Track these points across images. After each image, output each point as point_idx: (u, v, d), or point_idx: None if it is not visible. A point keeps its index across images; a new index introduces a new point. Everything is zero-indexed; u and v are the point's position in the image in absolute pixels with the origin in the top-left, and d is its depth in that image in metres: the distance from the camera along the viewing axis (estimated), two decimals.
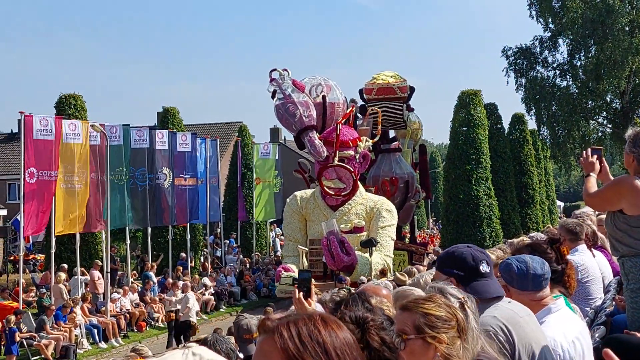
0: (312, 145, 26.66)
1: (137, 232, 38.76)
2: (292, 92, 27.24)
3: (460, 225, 38.28)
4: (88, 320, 22.63)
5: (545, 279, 4.70)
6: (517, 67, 50.38)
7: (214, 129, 59.26)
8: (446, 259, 4.36)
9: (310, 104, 27.53)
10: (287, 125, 28.16)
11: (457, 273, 4.24)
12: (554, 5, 48.56)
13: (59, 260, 26.94)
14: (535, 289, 4.65)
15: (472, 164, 38.67)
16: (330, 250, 24.22)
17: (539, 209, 48.42)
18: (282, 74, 27.34)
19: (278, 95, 27.38)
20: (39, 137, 21.90)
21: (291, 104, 27.05)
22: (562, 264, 5.17)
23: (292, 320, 2.23)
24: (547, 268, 4.74)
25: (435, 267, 4.37)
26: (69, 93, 29.81)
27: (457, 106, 40.32)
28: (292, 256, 27.34)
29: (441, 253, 4.55)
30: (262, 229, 41.50)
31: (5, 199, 48.85)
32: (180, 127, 35.34)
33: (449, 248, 4.55)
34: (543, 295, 4.69)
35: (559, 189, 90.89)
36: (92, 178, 23.82)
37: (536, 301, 4.61)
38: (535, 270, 4.64)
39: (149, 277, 27.81)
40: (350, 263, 24.25)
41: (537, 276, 4.64)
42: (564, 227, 7.86)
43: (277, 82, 27.30)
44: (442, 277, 4.26)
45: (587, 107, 50.54)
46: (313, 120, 27.32)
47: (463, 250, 4.36)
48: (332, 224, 24.59)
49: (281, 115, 27.50)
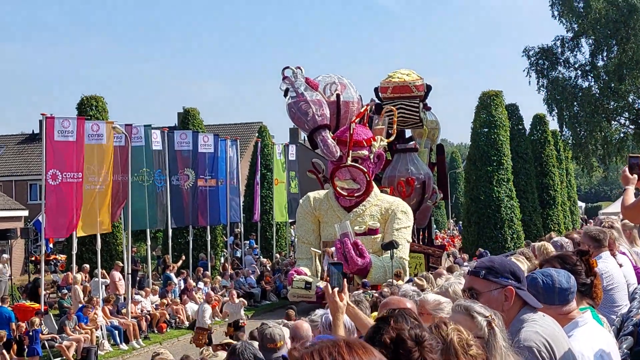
0: (324, 144, 26.37)
1: (157, 232, 38.85)
2: (304, 90, 26.97)
3: (481, 227, 38.10)
4: (109, 321, 22.68)
5: (572, 293, 4.65)
6: (539, 68, 50.25)
7: (234, 129, 59.34)
8: (498, 267, 4.31)
9: (323, 102, 27.26)
10: (300, 124, 28.00)
11: (513, 282, 4.24)
12: (576, 6, 48.31)
13: (80, 261, 27.06)
14: (561, 302, 4.60)
15: (493, 165, 38.47)
16: (343, 253, 23.99)
17: (560, 210, 48.11)
18: (295, 71, 27.08)
19: (291, 93, 27.14)
20: (60, 139, 21.90)
21: (304, 103, 26.81)
22: (590, 276, 5.11)
23: (317, 349, 2.30)
24: (573, 281, 4.69)
25: (482, 275, 4.27)
26: (90, 94, 29.94)
27: (478, 107, 40.13)
28: (305, 259, 27.16)
29: (485, 262, 4.46)
30: (282, 229, 41.47)
31: (27, 200, 49.06)
32: (200, 127, 35.37)
33: (493, 257, 4.53)
34: (570, 309, 4.65)
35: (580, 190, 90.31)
36: (115, 179, 23.80)
37: (563, 315, 4.57)
38: (561, 284, 4.60)
39: (170, 278, 27.81)
40: (364, 266, 23.98)
41: (563, 290, 4.60)
42: (587, 235, 7.84)
43: (290, 80, 27.06)
44: (493, 285, 4.23)
45: (609, 108, 50.34)
46: (326, 119, 27.01)
47: (507, 260, 4.41)
48: (345, 225, 24.36)
49: (293, 114, 27.29)
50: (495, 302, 4.15)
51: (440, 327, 3.46)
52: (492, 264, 4.34)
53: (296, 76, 27.02)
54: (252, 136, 53.98)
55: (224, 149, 31.74)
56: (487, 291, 4.23)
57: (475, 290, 4.25)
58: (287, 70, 27.23)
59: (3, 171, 53.77)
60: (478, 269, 4.33)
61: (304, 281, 24.46)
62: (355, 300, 7.06)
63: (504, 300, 4.20)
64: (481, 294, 4.23)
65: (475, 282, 4.31)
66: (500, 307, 4.12)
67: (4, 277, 27.35)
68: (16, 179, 52.56)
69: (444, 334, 3.42)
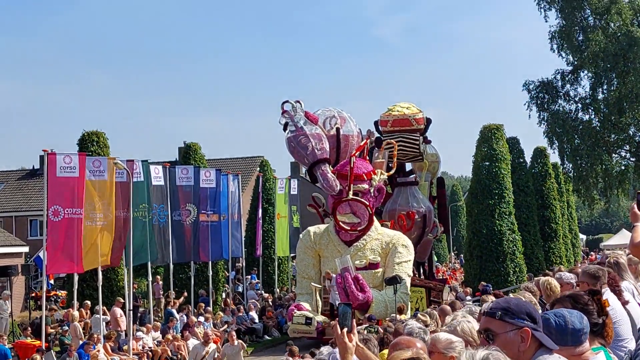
0: (324, 178, 26.10)
1: (157, 268, 38.75)
2: (304, 124, 26.77)
3: (483, 261, 37.99)
4: (111, 358, 22.51)
5: (585, 333, 4.61)
6: (539, 101, 50.37)
7: (235, 163, 59.44)
8: (514, 308, 4.26)
9: (323, 136, 27.10)
10: (299, 159, 27.76)
11: (529, 324, 4.20)
12: (575, 39, 48.57)
13: (81, 297, 26.95)
14: (574, 344, 4.55)
15: (495, 198, 38.47)
16: (344, 288, 23.72)
17: (562, 243, 48.07)
18: (295, 105, 26.90)
19: (290, 127, 26.91)
20: (62, 175, 21.92)
21: (303, 137, 26.60)
22: (602, 316, 5.06)
23: None
24: (586, 322, 4.64)
25: (498, 316, 4.23)
26: (91, 130, 29.93)
27: (479, 140, 40.22)
28: (305, 294, 26.90)
29: (501, 303, 4.41)
30: (283, 264, 41.35)
31: (27, 235, 49.00)
32: (202, 162, 35.39)
33: (508, 298, 4.51)
34: (583, 349, 4.60)
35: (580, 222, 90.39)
36: (117, 215, 23.72)
37: (576, 356, 4.52)
38: (574, 324, 4.56)
39: (172, 315, 27.65)
40: (365, 301, 23.66)
41: (576, 331, 4.55)
42: (586, 273, 7.90)
43: (289, 114, 26.84)
44: (510, 327, 4.19)
45: (609, 141, 50.42)
46: (326, 153, 26.81)
47: (523, 301, 4.38)
48: (346, 260, 24.01)
49: (293, 148, 27.09)
50: (511, 344, 4.13)
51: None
52: (508, 305, 4.30)
53: (295, 110, 26.82)
54: (254, 170, 54.10)
55: (225, 183, 31.71)
56: (503, 332, 4.19)
57: (492, 332, 4.21)
58: (287, 104, 27.07)
59: (4, 207, 53.76)
60: (494, 310, 4.29)
61: (305, 317, 24.28)
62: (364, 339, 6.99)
63: (520, 341, 4.16)
64: (497, 335, 4.19)
65: (492, 324, 4.27)
66: (516, 349, 4.11)
67: (4, 314, 27.20)
68: (16, 215, 52.55)
69: None
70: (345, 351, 5.04)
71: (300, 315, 24.34)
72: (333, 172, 26.56)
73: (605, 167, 50.67)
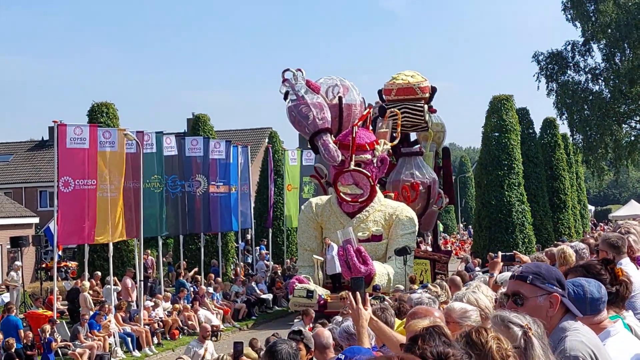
0: (325, 149, 25.66)
1: (167, 239, 38.87)
2: (305, 93, 26.30)
3: (492, 232, 38.01)
4: (122, 328, 22.66)
5: (603, 302, 4.64)
6: (549, 72, 50.13)
7: (244, 135, 59.37)
8: (545, 273, 4.28)
9: (324, 105, 26.57)
10: (300, 128, 27.28)
11: (559, 290, 4.23)
12: (587, 9, 48.28)
13: (92, 268, 27.07)
14: (593, 312, 4.58)
15: (504, 169, 38.41)
16: (346, 260, 23.46)
17: (570, 214, 48.04)
18: (296, 74, 26.42)
19: (291, 96, 26.46)
20: (72, 146, 21.86)
21: (304, 106, 26.12)
22: (616, 285, 5.06)
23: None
24: (604, 291, 4.67)
25: (529, 280, 4.24)
26: (101, 101, 29.90)
27: (489, 112, 40.05)
28: (307, 266, 26.77)
29: (532, 267, 4.44)
30: (292, 235, 41.39)
31: (37, 207, 49.18)
32: (211, 133, 35.30)
33: (539, 263, 4.52)
34: (601, 318, 4.63)
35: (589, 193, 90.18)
36: (127, 186, 23.65)
37: (595, 325, 4.53)
38: (592, 294, 4.58)
39: (184, 285, 27.73)
40: (368, 273, 23.27)
41: (594, 300, 4.58)
42: (606, 242, 7.75)
43: (290, 83, 26.37)
44: (540, 291, 4.20)
45: (619, 111, 50.25)
46: (327, 122, 26.31)
47: (553, 267, 4.46)
48: (348, 232, 23.77)
49: (293, 118, 26.65)
50: (540, 309, 4.15)
51: (480, 332, 3.44)
52: (539, 269, 4.32)
53: (296, 78, 26.34)
54: (262, 142, 54.07)
55: (235, 155, 31.62)
56: (533, 297, 4.21)
57: (522, 295, 4.23)
58: (287, 72, 26.56)
59: (13, 178, 53.93)
60: (525, 274, 4.29)
61: (306, 289, 24.12)
62: (381, 307, 7.03)
63: (549, 307, 4.18)
64: (527, 299, 4.21)
65: (522, 287, 4.27)
66: (545, 314, 4.12)
67: (17, 284, 27.38)
68: (26, 186, 52.70)
69: (483, 341, 3.39)
70: (361, 321, 5.11)
71: (301, 288, 24.19)
72: (335, 142, 26.08)
73: (615, 137, 50.57)
